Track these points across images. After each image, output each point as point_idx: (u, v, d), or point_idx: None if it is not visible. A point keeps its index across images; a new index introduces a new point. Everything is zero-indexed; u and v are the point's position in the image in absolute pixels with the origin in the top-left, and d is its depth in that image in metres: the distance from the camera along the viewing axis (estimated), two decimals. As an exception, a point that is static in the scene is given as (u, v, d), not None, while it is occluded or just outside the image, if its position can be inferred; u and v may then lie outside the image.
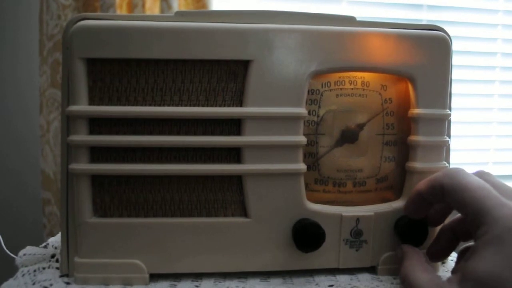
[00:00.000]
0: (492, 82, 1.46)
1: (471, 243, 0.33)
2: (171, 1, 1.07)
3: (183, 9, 1.12)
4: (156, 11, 1.11)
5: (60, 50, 1.08)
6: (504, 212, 0.29)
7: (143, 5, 1.08)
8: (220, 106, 0.38)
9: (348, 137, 0.41)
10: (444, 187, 0.33)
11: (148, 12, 1.09)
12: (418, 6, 1.37)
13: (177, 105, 0.38)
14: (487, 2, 1.41)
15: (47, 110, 1.11)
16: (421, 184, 0.37)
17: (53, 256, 0.43)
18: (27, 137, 1.24)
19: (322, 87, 0.40)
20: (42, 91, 1.11)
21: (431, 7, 1.38)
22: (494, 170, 1.50)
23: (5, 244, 0.46)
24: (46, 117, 1.11)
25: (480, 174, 0.34)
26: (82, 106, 0.37)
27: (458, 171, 0.34)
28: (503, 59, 1.45)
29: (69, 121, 0.38)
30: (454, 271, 0.36)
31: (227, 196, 0.39)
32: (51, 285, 0.38)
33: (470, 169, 0.35)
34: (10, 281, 0.39)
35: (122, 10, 1.09)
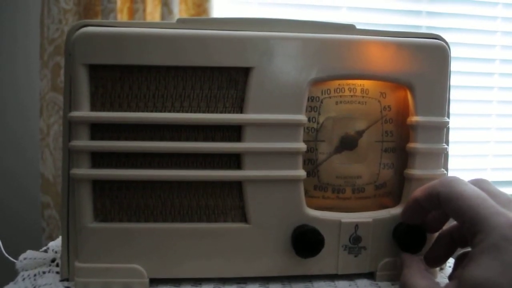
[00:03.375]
0: (491, 88, 1.47)
1: (468, 249, 0.33)
2: (172, 7, 1.07)
3: (184, 14, 1.13)
4: (157, 16, 1.12)
5: (60, 54, 1.08)
6: (500, 220, 0.30)
7: (144, 10, 1.09)
8: (220, 112, 0.39)
9: (347, 144, 0.41)
10: (440, 196, 0.34)
11: (148, 17, 1.10)
12: (417, 12, 1.38)
13: (178, 111, 0.39)
14: (486, 8, 1.42)
15: (47, 114, 1.11)
16: (418, 191, 0.37)
17: (53, 260, 0.44)
18: (27, 141, 1.24)
19: (322, 94, 0.41)
20: (43, 95, 1.11)
21: (430, 14, 1.38)
22: (493, 176, 1.51)
23: (3, 248, 0.46)
24: (46, 121, 1.11)
25: (477, 182, 0.35)
26: (84, 112, 0.37)
27: (454, 180, 0.34)
28: (502, 65, 1.46)
29: (70, 127, 0.38)
30: (451, 277, 0.36)
31: (227, 201, 0.40)
32: (51, 289, 0.38)
33: (468, 175, 0.35)
34: (11, 285, 0.40)
35: (123, 15, 1.10)
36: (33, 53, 1.16)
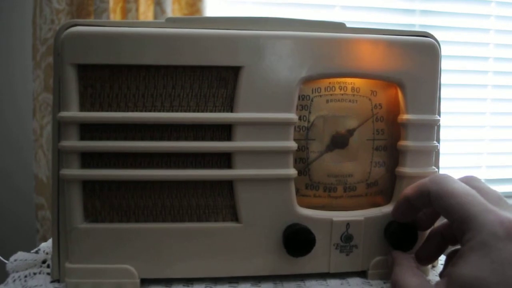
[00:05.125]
0: (485, 86, 1.47)
1: (459, 246, 0.33)
2: (165, 6, 1.07)
3: (177, 13, 1.13)
4: (150, 15, 1.11)
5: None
6: (489, 218, 0.30)
7: (137, 10, 1.08)
8: (210, 111, 0.39)
9: (339, 142, 0.41)
10: (431, 193, 0.34)
11: (141, 17, 1.09)
12: (411, 11, 1.38)
13: (168, 111, 0.38)
14: (480, 7, 1.43)
15: (40, 115, 1.11)
16: (409, 189, 0.37)
17: (44, 261, 0.43)
18: (20, 142, 1.24)
19: (312, 92, 0.41)
20: (35, 96, 1.11)
21: (424, 12, 1.39)
22: (487, 174, 1.51)
23: (-3, 249, 0.46)
24: (39, 122, 1.11)
25: (467, 180, 0.35)
26: (73, 112, 0.37)
27: (444, 177, 0.34)
28: (496, 64, 1.46)
29: (60, 127, 0.38)
30: (441, 275, 0.36)
31: (218, 201, 0.40)
32: (41, 290, 0.38)
33: (463, 173, 0.35)
34: (1, 287, 0.39)
35: (116, 15, 1.09)
36: (27, 54, 1.16)
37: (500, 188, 1.45)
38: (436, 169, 0.42)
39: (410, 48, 0.40)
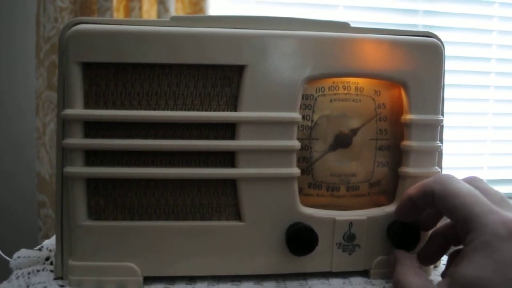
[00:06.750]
0: (487, 87, 1.47)
1: (461, 247, 0.33)
2: (168, 5, 1.07)
3: (180, 12, 1.13)
4: (153, 14, 1.11)
5: (57, 53, 1.08)
6: (492, 219, 0.30)
7: (140, 8, 1.08)
8: (214, 110, 0.39)
9: (342, 142, 0.41)
10: (435, 193, 0.34)
11: (145, 15, 1.10)
12: (414, 12, 1.38)
13: (172, 109, 0.38)
14: (483, 7, 1.43)
15: (43, 113, 1.11)
16: (412, 189, 0.37)
17: (47, 258, 0.43)
18: (23, 139, 1.24)
19: (316, 92, 0.41)
20: (39, 94, 1.11)
21: (427, 12, 1.38)
22: (489, 175, 1.51)
23: (0, 247, 0.46)
24: (42, 120, 1.11)
25: (471, 180, 0.35)
26: (78, 110, 0.37)
27: (448, 178, 0.34)
28: (498, 65, 1.46)
29: (64, 125, 0.38)
30: (444, 275, 0.36)
31: (221, 200, 0.40)
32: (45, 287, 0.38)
33: (465, 174, 0.35)
34: (4, 284, 0.39)
35: (119, 13, 1.10)
36: (30, 52, 1.16)
37: (502, 189, 1.45)
38: (439, 169, 0.42)
39: (414, 48, 0.40)
